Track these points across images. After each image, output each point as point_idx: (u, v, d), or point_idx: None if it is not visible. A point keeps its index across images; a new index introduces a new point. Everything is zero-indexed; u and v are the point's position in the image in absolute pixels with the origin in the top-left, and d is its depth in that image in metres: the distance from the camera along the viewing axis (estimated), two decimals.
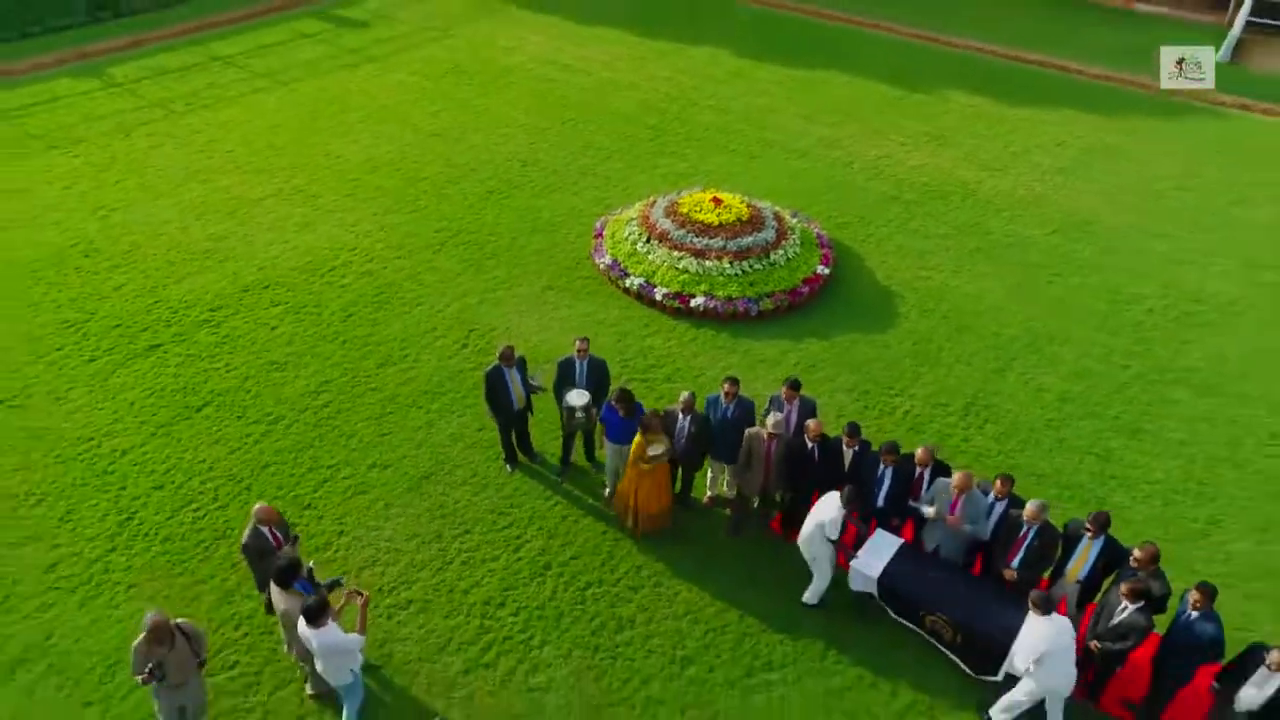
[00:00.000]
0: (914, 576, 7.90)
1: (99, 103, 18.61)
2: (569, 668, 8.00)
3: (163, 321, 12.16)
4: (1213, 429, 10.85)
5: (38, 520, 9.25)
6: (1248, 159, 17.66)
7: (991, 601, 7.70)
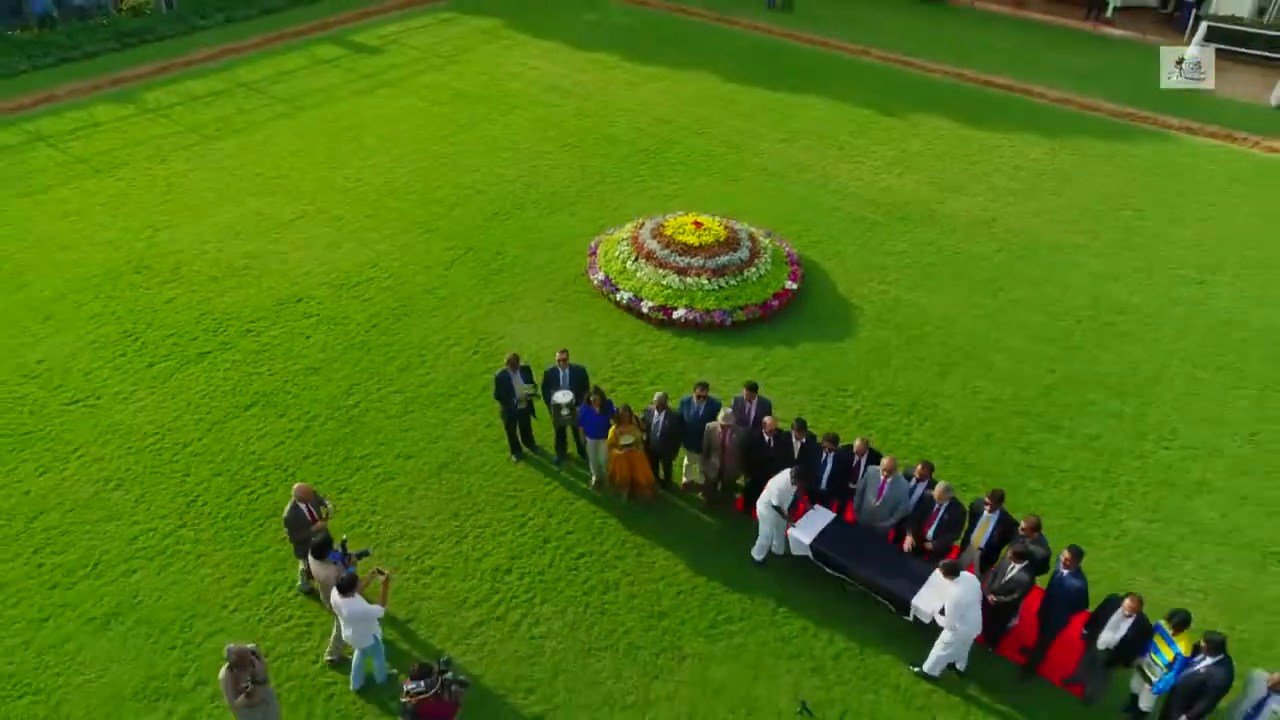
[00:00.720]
0: (839, 544, 9.63)
1: (137, 128, 20.32)
2: (565, 620, 9.72)
3: (210, 331, 13.88)
4: (1121, 425, 12.56)
5: (118, 502, 10.97)
6: (1184, 180, 19.34)
7: (896, 563, 9.44)
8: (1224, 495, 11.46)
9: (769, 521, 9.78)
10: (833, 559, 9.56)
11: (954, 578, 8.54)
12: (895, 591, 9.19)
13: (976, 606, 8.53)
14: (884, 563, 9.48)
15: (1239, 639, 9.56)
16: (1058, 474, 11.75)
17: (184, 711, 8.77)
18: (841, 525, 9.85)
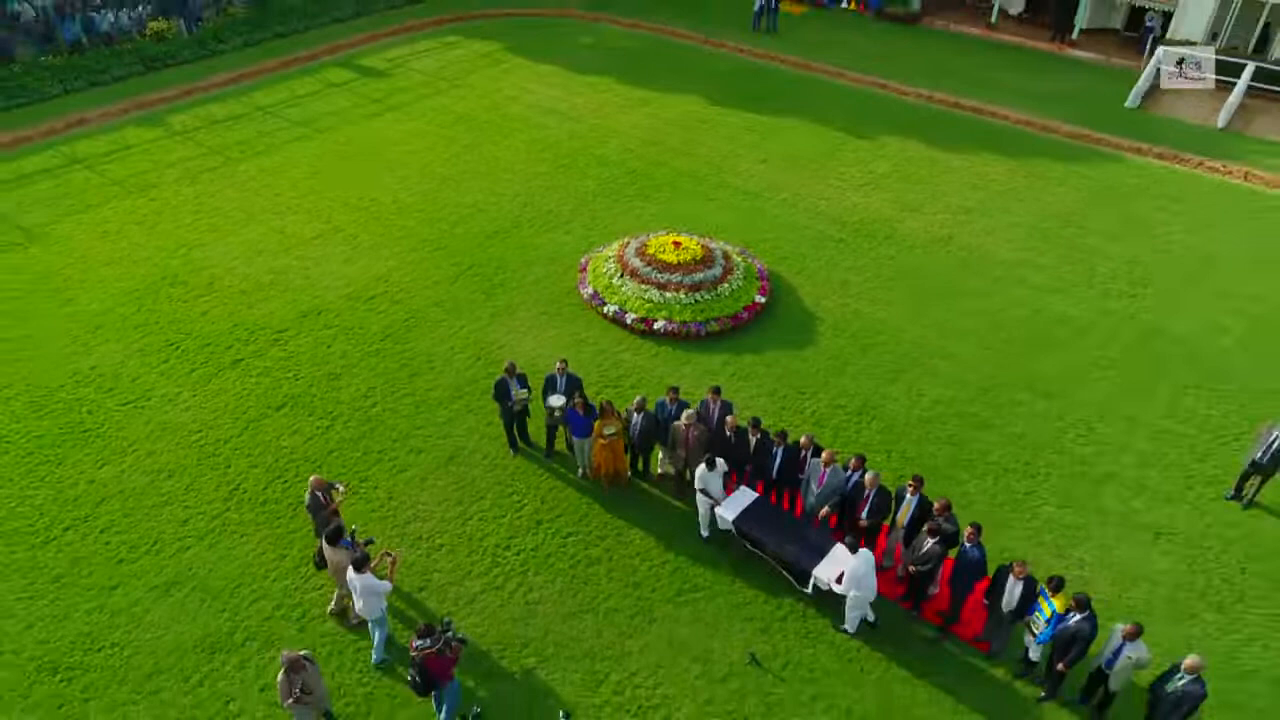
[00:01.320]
0: (758, 520, 11.36)
1: (166, 150, 22.07)
2: (554, 589, 11.46)
3: (242, 340, 15.62)
4: (1045, 424, 14.30)
5: (170, 489, 12.72)
6: (1129, 200, 21.06)
7: (802, 538, 11.17)
8: (1127, 484, 13.20)
9: (703, 504, 11.57)
10: (751, 533, 11.27)
11: (854, 553, 10.31)
12: (800, 562, 10.88)
13: (871, 575, 10.27)
14: (793, 537, 11.21)
15: (1125, 604, 11.32)
16: (984, 466, 13.49)
17: (235, 661, 10.51)
18: (761, 504, 11.60)
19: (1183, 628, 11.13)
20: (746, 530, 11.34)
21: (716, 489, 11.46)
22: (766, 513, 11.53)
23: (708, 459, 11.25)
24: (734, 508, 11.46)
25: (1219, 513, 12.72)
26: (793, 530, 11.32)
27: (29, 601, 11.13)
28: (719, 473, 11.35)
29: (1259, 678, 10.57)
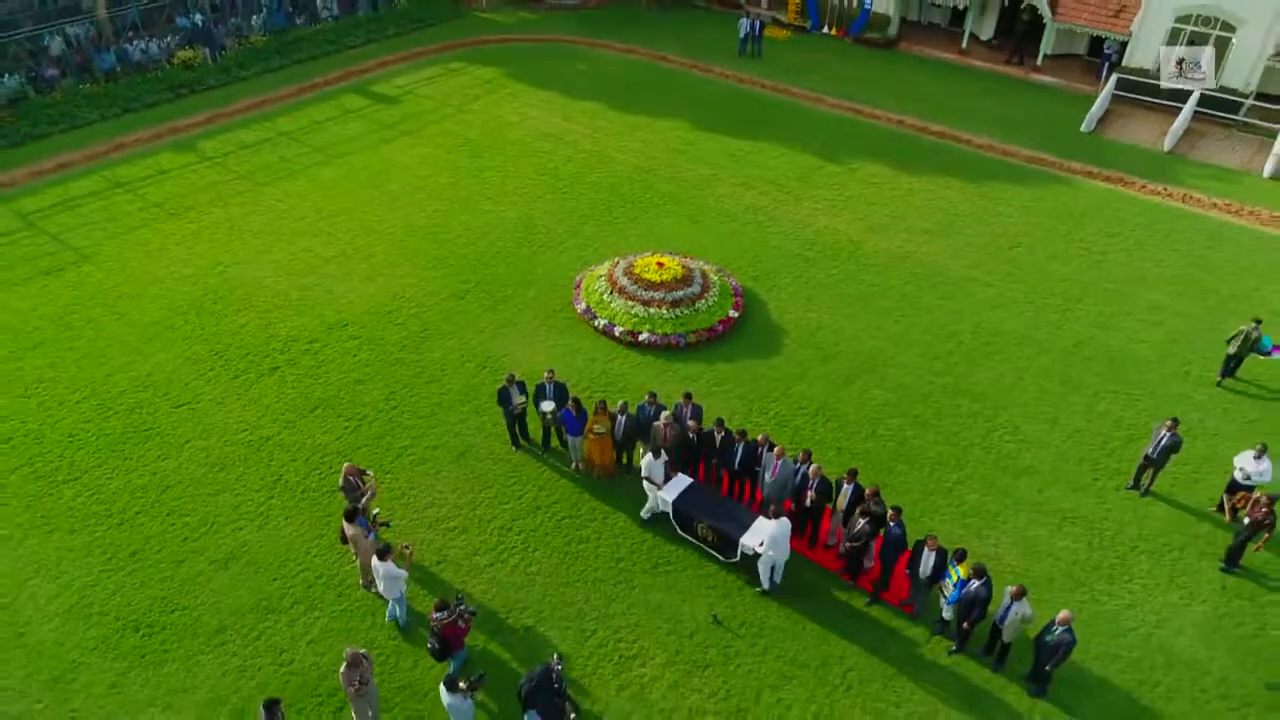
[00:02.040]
0: (692, 502, 13.52)
1: (198, 175, 24.24)
2: (550, 563, 13.62)
3: (277, 350, 17.78)
4: (976, 424, 16.46)
5: (222, 480, 14.88)
6: (1073, 221, 23.19)
7: (731, 515, 13.33)
8: (1043, 476, 15.36)
9: (648, 489, 13.75)
10: (689, 511, 13.44)
11: (775, 519, 12.49)
12: (730, 533, 13.05)
13: (786, 538, 12.47)
14: (723, 514, 13.41)
15: (1031, 576, 13.45)
16: (921, 460, 15.65)
17: (285, 621, 12.67)
18: (696, 488, 13.76)
19: (1076, 595, 13.30)
20: (684, 510, 13.49)
21: (659, 476, 13.62)
22: (701, 495, 13.72)
23: (653, 448, 13.42)
24: (673, 491, 13.63)
25: (1118, 501, 14.89)
26: (723, 508, 13.51)
27: (111, 573, 13.31)
28: (662, 462, 13.53)
29: (1134, 634, 12.74)
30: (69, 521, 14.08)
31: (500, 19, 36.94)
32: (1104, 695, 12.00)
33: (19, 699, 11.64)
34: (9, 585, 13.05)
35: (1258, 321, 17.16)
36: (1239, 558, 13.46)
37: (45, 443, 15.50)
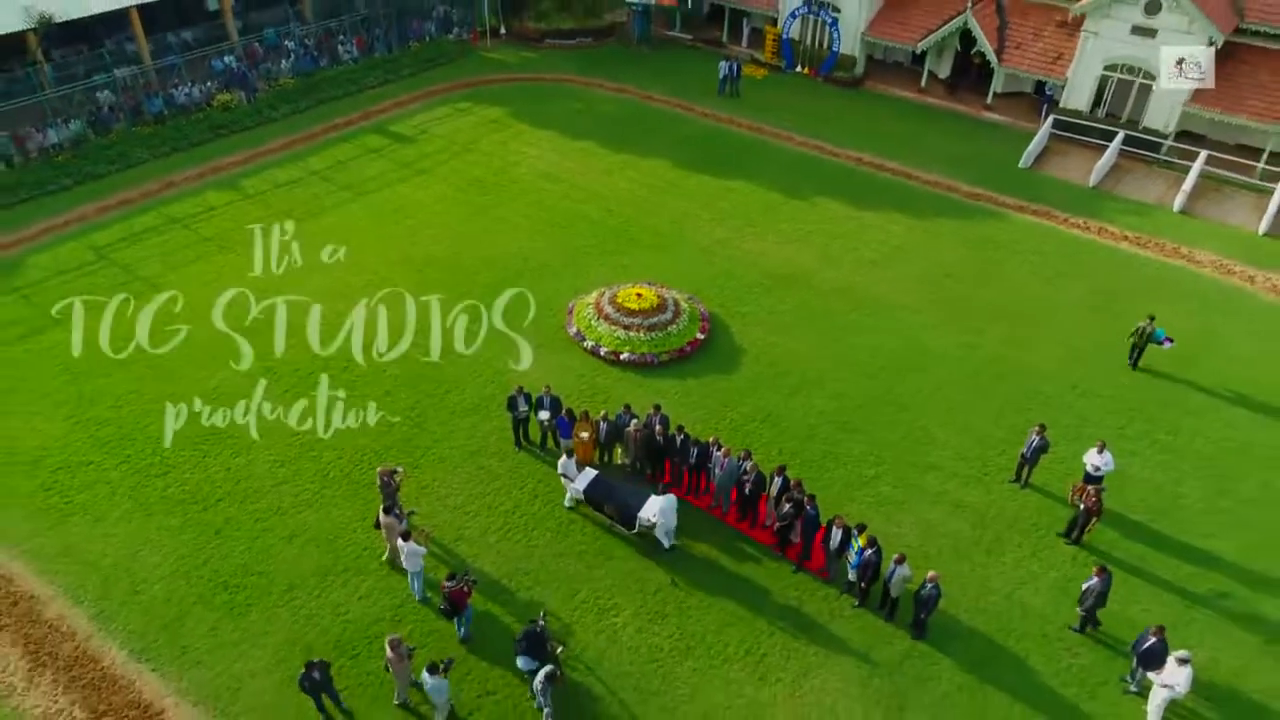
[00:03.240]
0: (598, 490, 17.11)
1: (242, 211, 27.84)
2: (546, 540, 17.23)
3: (320, 368, 21.36)
4: (896, 429, 20.06)
5: (284, 474, 18.49)
6: (1002, 251, 26.78)
7: (629, 496, 16.90)
8: (945, 472, 18.96)
9: (565, 483, 17.42)
10: (597, 497, 17.09)
11: (662, 495, 16.14)
12: (630, 510, 16.65)
13: (673, 510, 16.24)
14: (622, 497, 17.00)
15: (925, 550, 17.02)
16: (847, 459, 19.26)
17: (339, 583, 16.28)
18: (599, 480, 17.35)
19: (960, 565, 16.90)
20: (593, 496, 17.18)
21: (572, 472, 17.30)
22: (604, 484, 17.36)
23: (567, 449, 17.20)
24: (582, 483, 17.32)
25: (1001, 491, 18.51)
26: (621, 492, 17.18)
27: (201, 546, 16.94)
28: (573, 460, 17.30)
29: (1000, 593, 16.36)
30: (164, 506, 17.73)
31: (503, 58, 40.61)
32: (970, 638, 15.63)
33: (140, 639, 15.27)
34: (125, 555, 16.69)
35: (1151, 318, 21.48)
36: (1080, 537, 17.08)
37: (138, 444, 19.12)
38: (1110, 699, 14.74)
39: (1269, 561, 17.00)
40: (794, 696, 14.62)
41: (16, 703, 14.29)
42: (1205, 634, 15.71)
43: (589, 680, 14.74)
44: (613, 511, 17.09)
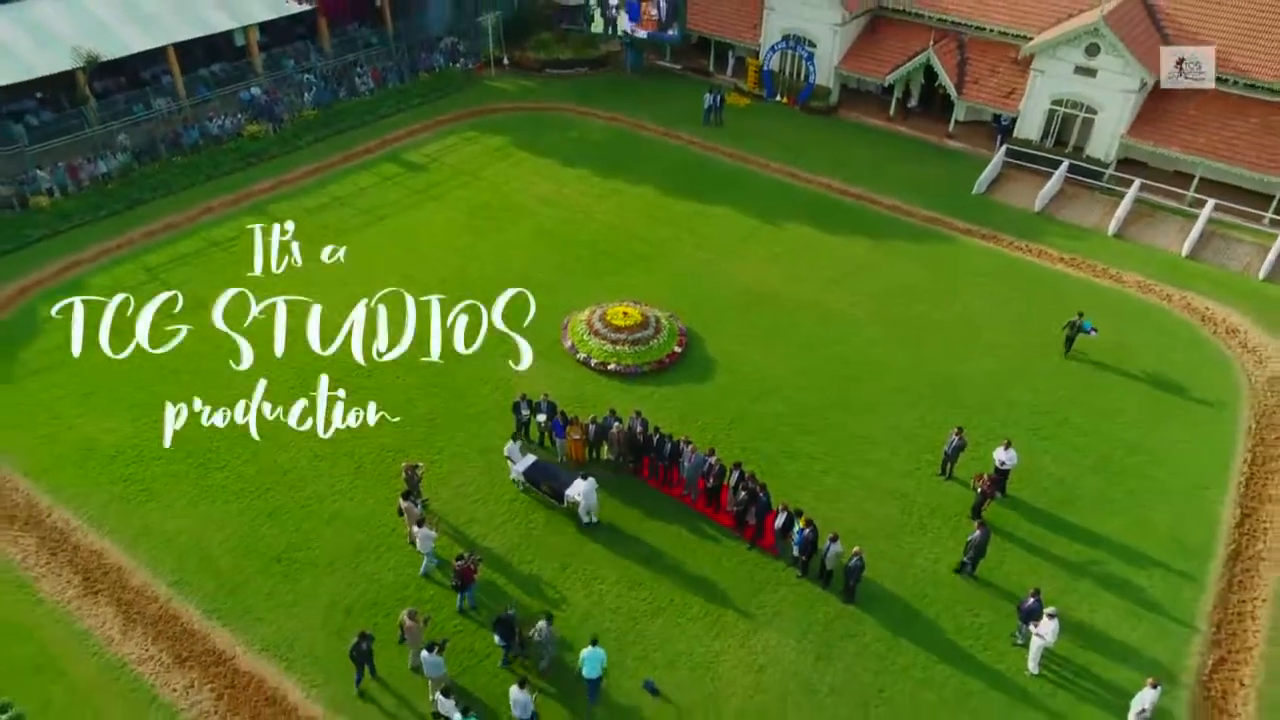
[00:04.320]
0: (535, 472, 20.65)
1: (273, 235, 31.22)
2: (542, 521, 20.64)
3: (346, 375, 24.76)
4: (844, 430, 23.44)
5: (323, 467, 21.89)
6: (951, 272, 30.09)
7: (560, 478, 20.40)
8: (882, 466, 22.36)
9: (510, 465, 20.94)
10: (534, 478, 20.64)
11: (585, 480, 19.60)
12: (560, 489, 20.17)
13: (593, 494, 19.77)
14: (554, 477, 20.55)
15: (860, 531, 20.38)
16: (799, 455, 22.65)
17: (373, 558, 19.67)
18: (536, 464, 20.94)
19: (889, 544, 20.28)
20: (532, 476, 20.78)
21: (516, 456, 20.90)
22: (539, 467, 20.96)
23: (514, 435, 21.06)
24: (523, 465, 20.89)
25: (929, 483, 21.91)
26: (551, 473, 20.76)
27: (257, 527, 20.35)
28: (517, 446, 20.87)
29: (920, 567, 19.76)
30: (223, 495, 21.15)
31: (506, 87, 44.02)
32: (891, 602, 19.03)
33: (211, 601, 18.69)
34: (194, 534, 20.11)
35: (1080, 314, 25.76)
36: (978, 514, 20.47)
37: (197, 442, 22.50)
38: (1000, 650, 18.16)
39: (1142, 541, 20.42)
40: (743, 646, 18.05)
41: (116, 650, 17.70)
42: (1085, 598, 19.14)
43: (578, 634, 18.13)
44: (547, 489, 20.68)
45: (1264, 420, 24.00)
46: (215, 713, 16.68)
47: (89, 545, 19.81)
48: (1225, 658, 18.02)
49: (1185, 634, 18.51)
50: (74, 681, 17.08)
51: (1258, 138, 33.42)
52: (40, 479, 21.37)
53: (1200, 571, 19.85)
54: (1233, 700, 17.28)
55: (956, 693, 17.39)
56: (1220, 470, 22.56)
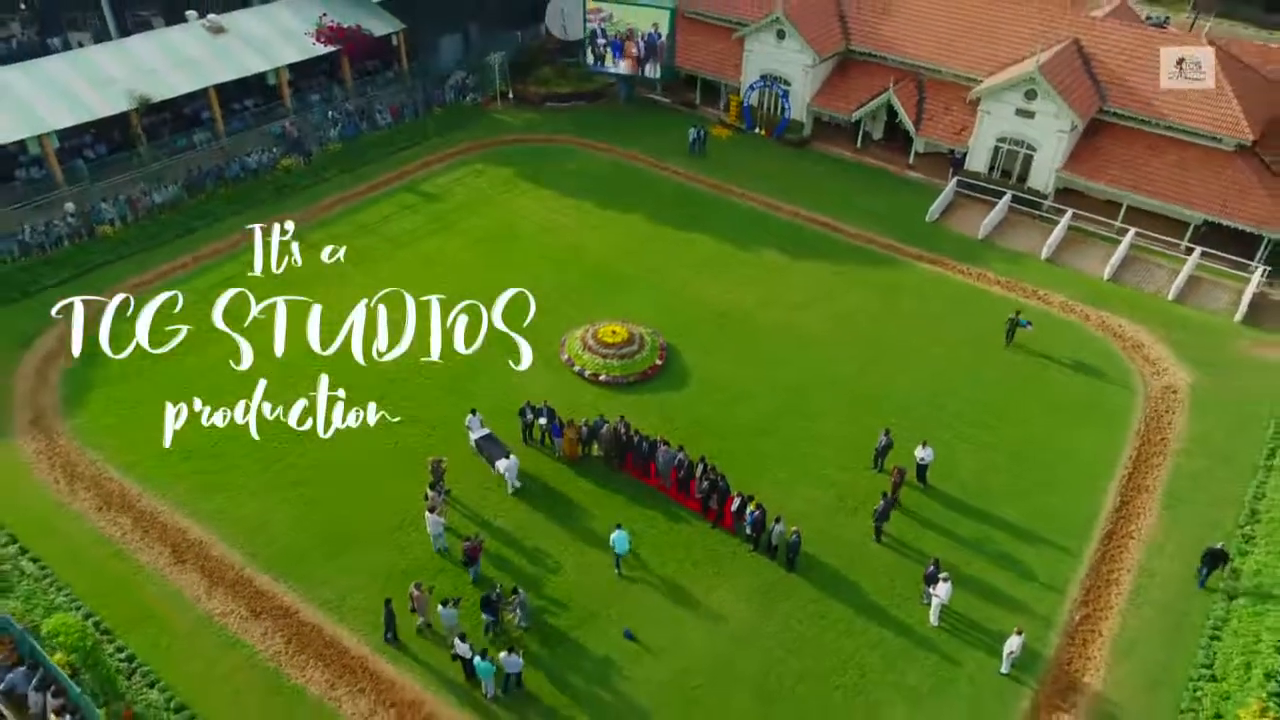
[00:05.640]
0: (484, 442, 25.60)
1: (310, 259, 35.59)
2: (542, 504, 25.13)
3: (381, 383, 29.23)
4: (797, 431, 27.85)
5: (363, 461, 26.36)
6: (900, 295, 34.56)
7: (497, 451, 25.17)
8: (826, 462, 26.80)
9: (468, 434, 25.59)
10: (481, 446, 25.35)
11: (507, 459, 24.27)
12: (496, 459, 24.83)
13: (515, 468, 24.45)
14: (492, 451, 25.27)
15: (803, 513, 24.86)
16: (756, 453, 27.10)
17: (411, 529, 24.14)
18: (486, 437, 25.78)
19: (828, 523, 24.74)
20: (481, 446, 25.53)
21: (476, 427, 25.64)
22: (486, 441, 25.84)
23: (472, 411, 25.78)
24: (477, 435, 25.66)
25: (863, 475, 26.36)
26: (493, 448, 25.43)
27: (313, 508, 24.83)
28: (478, 419, 25.65)
29: (848, 539, 24.26)
30: (282, 482, 25.66)
31: (511, 120, 48.48)
32: (824, 570, 23.51)
33: (278, 568, 23.19)
34: (259, 515, 24.63)
35: (1018, 311, 30.98)
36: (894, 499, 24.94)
37: (254, 440, 26.93)
38: (910, 608, 22.65)
39: (1036, 523, 24.91)
40: (704, 603, 22.59)
41: (204, 606, 22.21)
42: (983, 568, 23.64)
43: (572, 595, 22.57)
44: (487, 458, 25.57)
45: (1151, 423, 28.52)
46: (286, 653, 21.20)
47: (174, 524, 24.34)
48: (1090, 614, 22.52)
49: (1059, 596, 23.02)
50: (174, 629, 21.60)
51: (1175, 174, 37.90)
52: (130, 471, 25.90)
53: (1080, 547, 24.35)
54: (1091, 646, 21.78)
55: (872, 640, 21.91)
56: (1110, 465, 27.06)
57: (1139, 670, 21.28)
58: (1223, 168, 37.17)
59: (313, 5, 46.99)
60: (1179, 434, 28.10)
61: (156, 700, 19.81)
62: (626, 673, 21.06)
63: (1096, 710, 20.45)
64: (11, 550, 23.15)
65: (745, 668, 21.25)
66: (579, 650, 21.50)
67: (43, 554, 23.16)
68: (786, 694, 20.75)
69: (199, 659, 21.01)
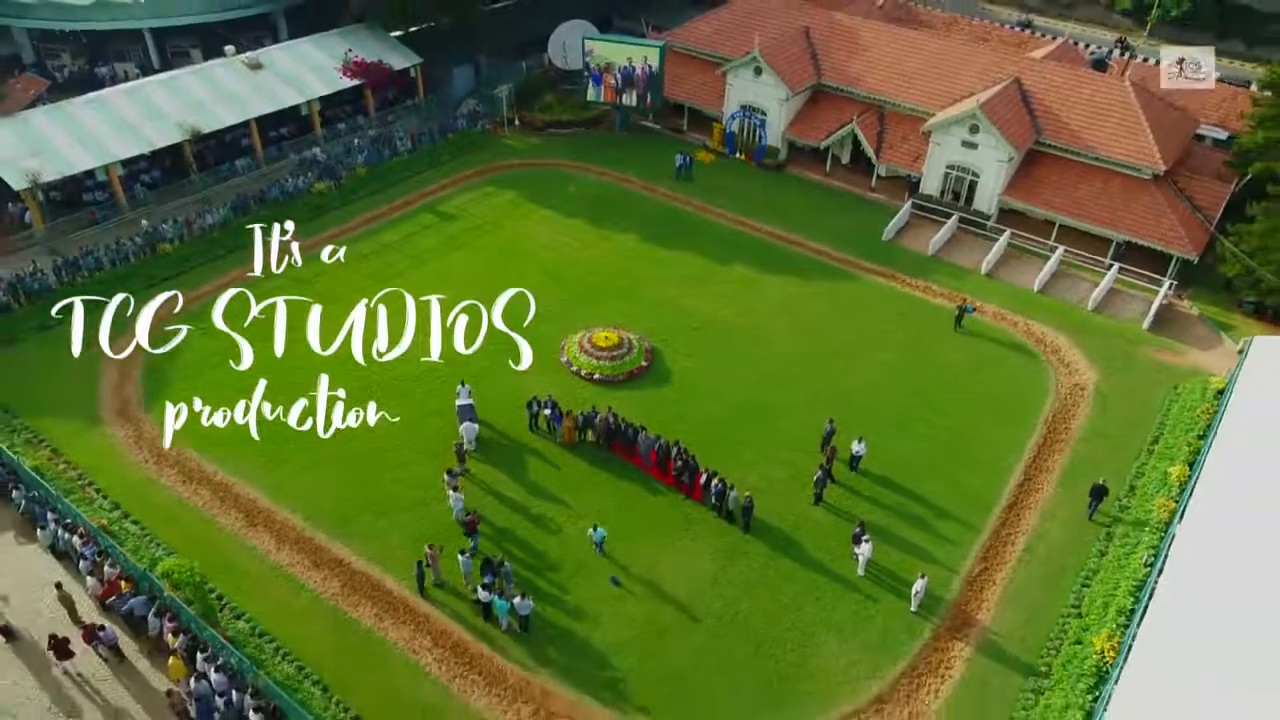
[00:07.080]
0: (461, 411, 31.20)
1: (341, 275, 41.02)
2: (543, 483, 30.45)
3: (406, 381, 34.61)
4: (760, 421, 33.19)
5: (390, 445, 31.76)
6: (855, 306, 39.92)
7: (468, 418, 30.53)
8: (783, 445, 32.15)
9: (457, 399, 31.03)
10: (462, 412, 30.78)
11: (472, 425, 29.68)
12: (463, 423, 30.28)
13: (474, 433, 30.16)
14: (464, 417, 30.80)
15: (760, 486, 30.22)
16: (729, 440, 32.43)
17: (434, 505, 29.50)
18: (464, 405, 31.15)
19: (780, 496, 30.09)
20: (460, 410, 30.75)
21: (464, 396, 31.03)
22: (464, 408, 30.98)
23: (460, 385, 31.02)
24: (462, 400, 30.96)
25: (813, 455, 31.68)
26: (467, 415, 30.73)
27: (356, 485, 30.20)
28: (466, 390, 31.07)
29: (795, 509, 29.62)
30: (328, 462, 31.02)
31: (516, 145, 53.81)
32: (775, 533, 28.91)
33: (331, 530, 28.58)
34: (310, 489, 29.98)
35: (965, 298, 36.93)
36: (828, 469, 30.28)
37: (292, 432, 32.29)
38: (843, 563, 28.02)
39: (950, 497, 30.30)
40: (676, 558, 27.99)
41: (274, 559, 27.62)
42: (904, 531, 29.01)
43: (564, 558, 27.95)
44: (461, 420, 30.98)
45: (1058, 415, 33.91)
46: (341, 594, 26.62)
47: (245, 495, 29.77)
48: (987, 566, 27.91)
49: (964, 552, 28.41)
50: (251, 576, 27.03)
51: (1100, 199, 43.28)
52: (205, 452, 31.30)
53: (985, 515, 29.74)
54: (985, 590, 27.19)
55: (810, 586, 27.32)
56: (1020, 450, 32.44)
57: (1022, 610, 26.66)
58: (1140, 194, 42.55)
59: (339, 42, 52.52)
60: (1081, 425, 33.47)
61: (244, 629, 25.23)
62: (611, 610, 26.46)
63: (983, 639, 25.84)
64: (117, 514, 28.58)
65: (707, 607, 26.65)
66: (573, 592, 26.89)
67: (141, 518, 28.60)
68: (740, 626, 26.14)
69: (273, 599, 26.43)
